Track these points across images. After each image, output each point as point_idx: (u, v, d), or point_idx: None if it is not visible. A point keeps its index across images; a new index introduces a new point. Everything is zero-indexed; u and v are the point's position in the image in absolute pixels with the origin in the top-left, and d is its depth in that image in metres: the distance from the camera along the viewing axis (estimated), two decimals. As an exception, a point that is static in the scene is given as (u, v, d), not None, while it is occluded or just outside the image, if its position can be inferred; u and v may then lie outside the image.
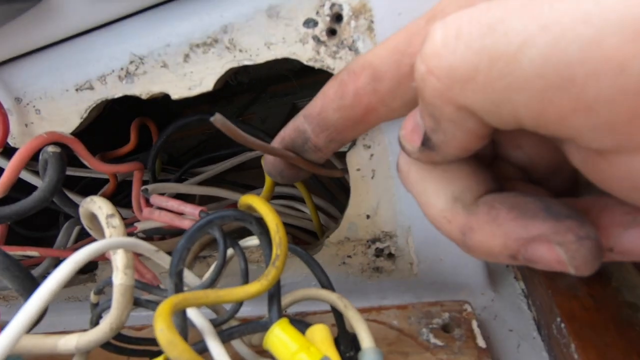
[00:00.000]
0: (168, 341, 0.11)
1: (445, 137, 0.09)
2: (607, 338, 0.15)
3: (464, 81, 0.08)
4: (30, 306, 0.11)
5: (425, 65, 0.08)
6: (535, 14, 0.07)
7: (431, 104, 0.09)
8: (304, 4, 0.16)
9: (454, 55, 0.08)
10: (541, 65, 0.07)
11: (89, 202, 0.16)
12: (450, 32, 0.08)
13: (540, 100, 0.07)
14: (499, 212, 0.10)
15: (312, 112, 0.14)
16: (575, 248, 0.09)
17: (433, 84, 0.08)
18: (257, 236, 0.15)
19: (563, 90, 0.07)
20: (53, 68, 0.20)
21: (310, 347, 0.12)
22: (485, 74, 0.07)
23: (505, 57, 0.07)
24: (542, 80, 0.07)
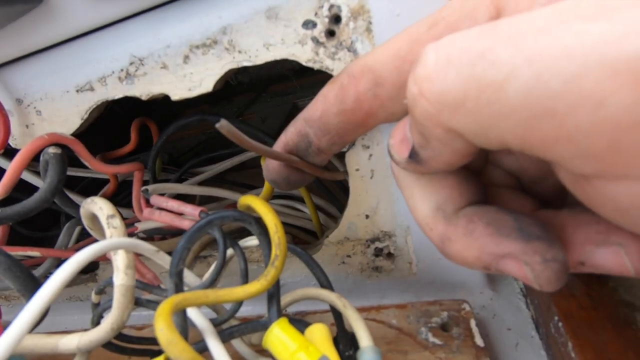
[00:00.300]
0: (168, 341, 0.11)
1: (433, 154, 0.10)
2: (604, 337, 0.15)
3: (454, 106, 0.08)
4: (32, 306, 0.11)
5: (417, 88, 0.09)
6: (521, 45, 0.07)
7: (421, 124, 0.09)
8: (303, 5, 0.16)
9: (445, 80, 0.08)
10: (525, 96, 0.07)
11: (89, 203, 0.17)
12: (442, 57, 0.08)
13: (524, 128, 0.07)
14: (477, 226, 0.10)
15: (313, 116, 0.13)
16: (540, 269, 0.09)
17: (424, 106, 0.09)
18: (257, 236, 0.15)
19: (546, 121, 0.07)
20: (54, 69, 0.20)
21: (309, 347, 0.13)
22: (473, 101, 0.08)
23: (492, 85, 0.07)
24: (526, 110, 0.07)
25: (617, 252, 0.09)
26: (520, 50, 0.07)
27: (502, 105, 0.07)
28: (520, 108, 0.07)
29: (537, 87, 0.07)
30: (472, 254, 0.10)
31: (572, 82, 0.07)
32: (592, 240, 0.10)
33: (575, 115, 0.07)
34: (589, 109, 0.07)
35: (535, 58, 0.07)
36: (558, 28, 0.07)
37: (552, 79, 0.07)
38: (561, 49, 0.07)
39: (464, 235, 0.10)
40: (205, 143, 0.51)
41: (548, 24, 0.07)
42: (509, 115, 0.07)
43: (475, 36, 0.08)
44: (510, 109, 0.07)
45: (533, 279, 0.10)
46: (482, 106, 0.08)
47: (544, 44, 0.07)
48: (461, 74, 0.08)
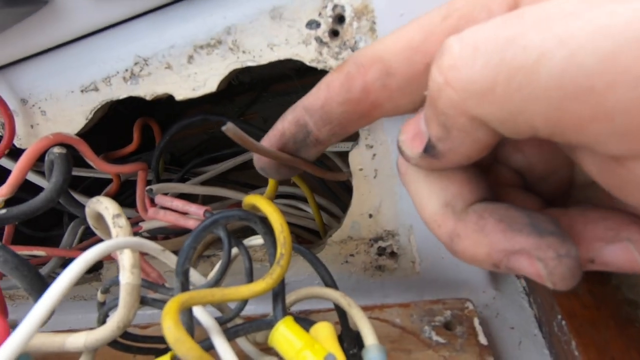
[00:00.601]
0: (176, 338, 0.11)
1: (453, 146, 0.10)
2: (607, 335, 0.16)
3: (482, 94, 0.08)
4: (42, 304, 0.11)
5: (443, 77, 0.09)
6: (552, 28, 0.07)
7: (444, 113, 0.09)
8: (307, 5, 0.16)
9: (472, 68, 0.08)
10: (560, 77, 0.07)
11: (95, 203, 0.17)
12: (468, 46, 0.08)
13: (558, 110, 0.07)
14: (487, 222, 0.10)
15: (314, 105, 0.13)
16: (554, 265, 0.09)
17: (449, 95, 0.09)
18: (262, 235, 0.15)
19: (581, 100, 0.07)
20: (58, 70, 0.20)
21: (315, 345, 0.13)
22: (503, 87, 0.08)
23: (524, 70, 0.07)
24: (561, 91, 0.07)
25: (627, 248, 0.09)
26: (552, 33, 0.07)
27: (535, 88, 0.07)
28: (554, 89, 0.07)
29: (571, 67, 0.07)
30: (482, 251, 0.10)
31: (609, 60, 0.07)
32: (601, 237, 0.10)
33: (613, 92, 0.07)
34: (628, 85, 0.07)
35: (569, 39, 0.07)
36: (589, 10, 0.07)
37: (588, 58, 0.07)
38: (596, 28, 0.07)
39: (474, 232, 0.10)
40: (207, 143, 0.51)
41: (578, 8, 0.07)
42: (542, 98, 0.07)
43: (501, 24, 0.08)
44: (543, 91, 0.07)
45: (546, 276, 0.09)
46: (513, 91, 0.08)
47: (577, 26, 0.07)
48: (490, 60, 0.08)
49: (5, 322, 0.14)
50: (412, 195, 0.12)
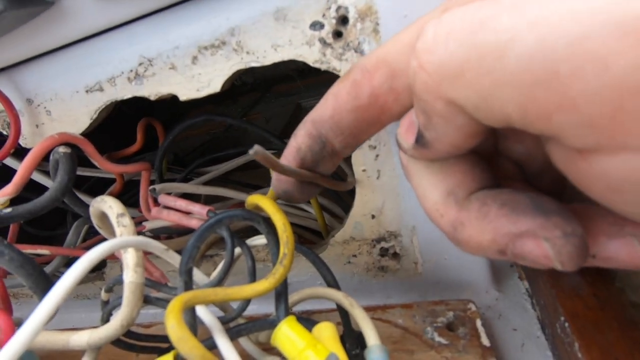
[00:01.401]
0: (179, 337, 0.11)
1: (437, 134, 0.10)
2: (610, 337, 0.15)
3: (453, 76, 0.08)
4: (48, 302, 0.11)
5: (417, 61, 0.09)
6: (525, 11, 0.07)
7: (422, 99, 0.09)
8: (311, 7, 0.16)
9: (444, 51, 0.08)
10: (528, 61, 0.07)
11: (99, 202, 0.17)
12: (443, 29, 0.08)
13: (526, 96, 0.07)
14: (490, 208, 0.10)
15: (322, 116, 0.13)
16: (561, 244, 0.09)
17: (423, 78, 0.09)
18: (265, 235, 0.15)
19: (548, 86, 0.07)
20: (64, 70, 0.20)
21: (317, 345, 0.13)
22: (474, 70, 0.08)
23: (493, 52, 0.07)
24: (528, 76, 0.07)
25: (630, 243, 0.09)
26: (524, 16, 0.07)
27: (503, 72, 0.07)
28: (521, 74, 0.07)
29: (540, 50, 0.07)
30: (487, 237, 0.10)
31: (577, 44, 0.06)
32: (604, 232, 0.09)
33: (579, 78, 0.07)
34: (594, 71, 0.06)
35: (539, 22, 0.07)
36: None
37: (557, 42, 0.07)
38: (566, 11, 0.07)
39: (477, 219, 0.10)
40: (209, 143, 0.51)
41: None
42: (510, 83, 0.07)
43: (477, 7, 0.08)
44: (511, 76, 0.07)
45: (554, 256, 0.09)
46: (483, 74, 0.08)
47: (550, 9, 0.07)
48: (461, 43, 0.08)
49: (10, 320, 0.15)
50: (414, 188, 0.12)
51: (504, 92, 0.08)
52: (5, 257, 0.14)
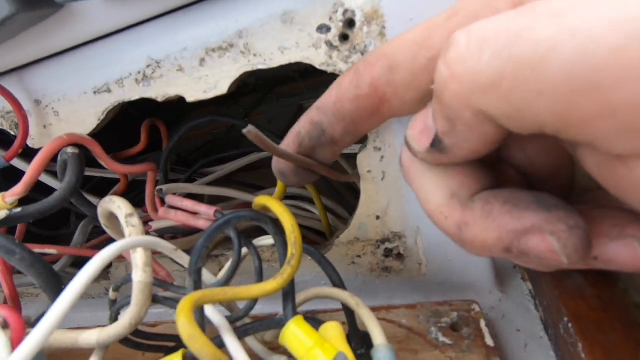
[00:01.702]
0: (190, 335, 0.11)
1: (458, 140, 0.10)
2: (614, 338, 0.16)
3: (488, 87, 0.08)
4: (62, 301, 0.11)
5: (448, 70, 0.09)
6: (563, 22, 0.07)
7: (449, 107, 0.09)
8: (318, 10, 0.16)
9: (479, 61, 0.08)
10: (568, 71, 0.07)
11: (108, 202, 0.17)
12: (476, 39, 0.08)
13: (565, 104, 0.07)
14: (494, 206, 0.10)
15: (326, 103, 0.13)
16: (566, 237, 0.09)
17: (455, 88, 0.09)
18: (272, 236, 0.15)
19: (589, 95, 0.07)
20: (72, 71, 0.21)
21: (325, 344, 0.13)
22: (510, 81, 0.08)
23: (532, 63, 0.07)
24: (569, 85, 0.07)
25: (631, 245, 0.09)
26: (562, 26, 0.07)
27: (542, 82, 0.07)
28: (561, 83, 0.07)
29: (580, 60, 0.07)
30: (492, 236, 0.10)
31: (618, 54, 0.06)
32: (606, 234, 0.10)
33: (620, 88, 0.07)
34: (636, 81, 0.06)
35: (579, 32, 0.07)
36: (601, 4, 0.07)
37: (597, 52, 0.07)
38: (606, 21, 0.07)
39: (481, 218, 0.10)
40: (213, 143, 0.51)
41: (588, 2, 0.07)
42: (549, 92, 0.07)
43: (511, 17, 0.08)
44: (550, 86, 0.07)
45: (560, 249, 0.09)
46: (520, 85, 0.08)
47: (588, 19, 0.07)
48: (497, 54, 0.08)
49: (21, 318, 0.15)
50: (416, 191, 0.12)
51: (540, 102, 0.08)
52: (17, 256, 0.14)
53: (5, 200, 0.18)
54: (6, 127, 0.23)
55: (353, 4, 0.16)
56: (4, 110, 0.23)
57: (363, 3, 0.16)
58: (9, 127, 0.23)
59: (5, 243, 0.14)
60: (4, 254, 0.14)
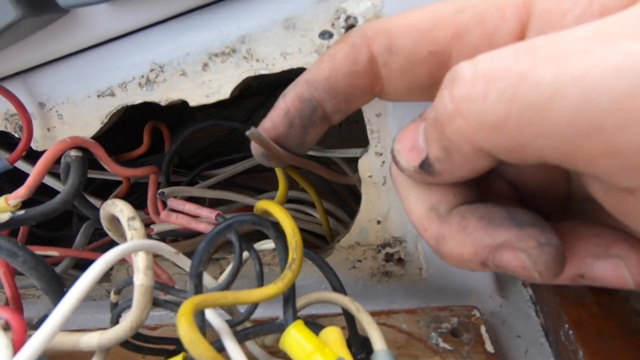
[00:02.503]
0: (190, 339, 0.11)
1: (451, 168, 0.10)
2: (614, 345, 0.16)
3: (493, 127, 0.08)
4: (65, 303, 0.11)
5: (454, 106, 0.09)
6: (565, 65, 0.07)
7: (450, 140, 0.09)
8: (320, 16, 0.16)
9: (485, 101, 0.08)
10: (572, 115, 0.07)
11: (110, 205, 0.17)
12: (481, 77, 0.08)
13: (569, 145, 0.08)
14: (469, 221, 0.10)
15: (318, 77, 0.12)
16: (536, 254, 0.09)
17: (460, 124, 0.09)
18: (273, 240, 0.15)
19: (593, 137, 0.07)
20: (76, 75, 0.21)
21: (325, 349, 0.13)
22: (515, 121, 0.08)
23: (536, 106, 0.07)
24: (573, 128, 0.07)
25: (616, 265, 0.09)
26: (565, 71, 0.07)
27: (546, 124, 0.07)
28: (565, 126, 0.07)
29: (584, 106, 0.07)
30: (468, 250, 0.10)
31: (621, 100, 0.07)
32: (592, 253, 0.10)
33: (624, 132, 0.07)
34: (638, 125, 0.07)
35: (582, 77, 0.07)
36: (603, 48, 0.07)
37: (601, 98, 0.07)
38: (609, 67, 0.07)
39: (457, 232, 0.10)
40: (213, 146, 0.51)
41: (591, 45, 0.07)
42: (553, 134, 0.07)
43: (513, 57, 0.08)
44: (554, 128, 0.07)
45: (531, 266, 0.09)
46: (524, 126, 0.08)
47: (590, 64, 0.07)
48: (503, 95, 0.08)
49: (23, 320, 0.15)
50: (401, 200, 0.12)
51: (544, 141, 0.08)
52: (19, 258, 0.14)
53: (9, 202, 0.18)
54: (10, 129, 0.23)
55: (355, 10, 0.16)
56: (8, 113, 0.23)
57: (365, 10, 0.16)
58: (13, 130, 0.23)
59: (8, 246, 0.14)
60: (6, 256, 0.14)
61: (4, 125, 0.23)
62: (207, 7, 0.18)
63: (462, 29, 0.10)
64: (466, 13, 0.10)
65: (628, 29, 0.07)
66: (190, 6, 0.18)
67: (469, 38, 0.10)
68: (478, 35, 0.10)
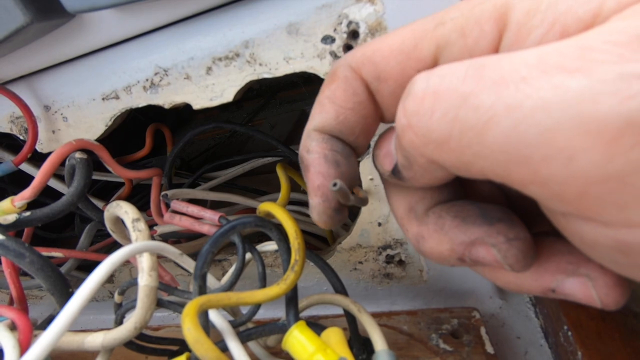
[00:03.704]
0: (195, 339, 0.12)
1: (415, 175, 0.10)
2: (612, 347, 0.16)
3: (438, 143, 0.09)
4: (73, 304, 0.12)
5: (406, 119, 0.09)
6: (503, 93, 0.07)
7: (407, 150, 0.10)
8: (323, 21, 0.17)
9: (431, 118, 0.08)
10: (503, 143, 0.07)
11: (114, 207, 0.17)
12: (430, 94, 0.09)
13: (503, 169, 0.08)
14: (445, 220, 0.11)
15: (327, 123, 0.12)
16: (506, 248, 0.10)
17: (411, 137, 0.09)
18: (276, 242, 0.15)
19: (521, 166, 0.08)
20: (82, 78, 0.21)
21: (327, 349, 0.13)
22: (456, 141, 0.08)
23: (474, 129, 0.08)
24: (504, 155, 0.08)
25: (585, 284, 0.10)
26: (501, 99, 0.07)
27: (482, 148, 0.08)
28: (498, 152, 0.08)
29: (514, 136, 0.07)
30: (445, 248, 0.11)
31: (546, 135, 0.07)
32: (563, 270, 0.10)
33: (548, 165, 0.07)
34: (561, 161, 0.07)
35: (514, 108, 0.07)
36: (539, 78, 0.07)
37: (529, 130, 0.07)
38: (539, 101, 0.07)
39: (435, 232, 0.11)
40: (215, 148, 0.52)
41: (531, 73, 0.07)
42: (489, 157, 0.08)
43: (462, 77, 0.08)
44: (489, 152, 0.08)
45: (502, 259, 0.10)
46: (464, 146, 0.08)
47: (524, 95, 0.07)
48: (446, 114, 0.08)
49: (29, 320, 0.15)
50: (388, 202, 0.13)
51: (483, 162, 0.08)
52: (26, 259, 0.15)
53: (15, 204, 0.18)
54: (16, 132, 0.23)
55: (357, 15, 0.16)
56: (14, 116, 0.23)
57: (367, 15, 0.16)
58: (18, 132, 0.23)
59: (15, 247, 0.15)
60: (14, 257, 0.15)
61: (9, 128, 0.23)
62: (211, 12, 0.18)
63: (443, 41, 0.10)
64: (446, 26, 0.10)
65: (567, 61, 0.07)
66: (195, 11, 0.18)
67: (450, 50, 0.10)
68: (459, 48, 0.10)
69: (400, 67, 0.11)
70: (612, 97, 0.06)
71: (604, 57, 0.07)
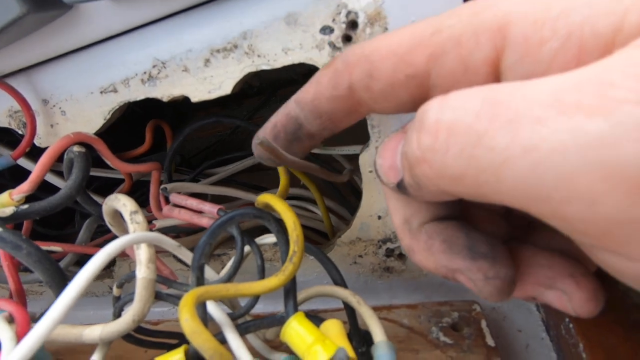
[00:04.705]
0: (193, 330, 0.12)
1: (422, 196, 0.11)
2: (614, 339, 0.16)
3: (454, 178, 0.09)
4: (68, 294, 0.12)
5: (421, 153, 0.09)
6: (519, 133, 0.07)
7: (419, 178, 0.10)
8: (321, 11, 0.17)
9: (446, 155, 0.08)
10: (521, 183, 0.07)
11: (113, 200, 0.17)
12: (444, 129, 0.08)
13: (521, 205, 0.08)
14: (434, 243, 0.12)
15: (304, 99, 0.13)
16: (482, 285, 0.11)
17: (425, 170, 0.09)
18: (275, 233, 0.15)
19: (541, 203, 0.08)
20: (79, 71, 0.21)
21: (326, 340, 0.13)
22: (472, 178, 0.08)
23: (490, 169, 0.08)
24: (522, 193, 0.08)
25: (561, 298, 0.11)
26: (517, 140, 0.07)
27: (500, 185, 0.08)
28: (516, 191, 0.08)
29: (532, 177, 0.07)
30: (431, 266, 0.12)
31: (566, 179, 0.07)
32: (542, 283, 0.11)
33: (570, 205, 0.07)
34: (583, 204, 0.07)
35: (531, 150, 0.07)
36: (556, 120, 0.07)
37: (547, 172, 0.07)
38: (557, 144, 0.07)
39: (423, 250, 0.12)
40: (215, 145, 0.52)
41: (547, 112, 0.07)
42: (507, 194, 0.08)
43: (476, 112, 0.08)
44: (507, 189, 0.08)
45: (478, 293, 0.11)
46: (481, 183, 0.08)
47: (541, 137, 0.07)
48: (462, 152, 0.08)
49: (26, 313, 0.15)
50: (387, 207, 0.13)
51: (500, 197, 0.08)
52: (23, 251, 0.15)
53: (13, 197, 0.18)
54: (14, 126, 0.23)
55: (356, 5, 0.16)
56: (12, 110, 0.23)
57: (366, 5, 0.16)
58: (16, 126, 0.23)
59: (12, 238, 0.15)
60: (11, 249, 0.15)
61: (7, 122, 0.23)
62: (209, 4, 0.18)
63: (438, 49, 0.10)
64: (442, 34, 0.10)
65: (585, 98, 0.07)
66: (192, 2, 0.18)
67: (445, 59, 0.10)
68: (454, 58, 0.10)
69: (392, 68, 0.11)
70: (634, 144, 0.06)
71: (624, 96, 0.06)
